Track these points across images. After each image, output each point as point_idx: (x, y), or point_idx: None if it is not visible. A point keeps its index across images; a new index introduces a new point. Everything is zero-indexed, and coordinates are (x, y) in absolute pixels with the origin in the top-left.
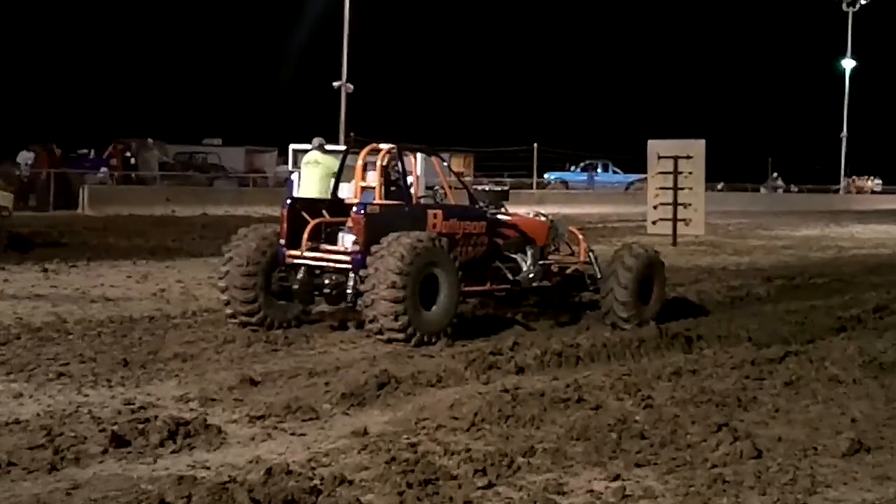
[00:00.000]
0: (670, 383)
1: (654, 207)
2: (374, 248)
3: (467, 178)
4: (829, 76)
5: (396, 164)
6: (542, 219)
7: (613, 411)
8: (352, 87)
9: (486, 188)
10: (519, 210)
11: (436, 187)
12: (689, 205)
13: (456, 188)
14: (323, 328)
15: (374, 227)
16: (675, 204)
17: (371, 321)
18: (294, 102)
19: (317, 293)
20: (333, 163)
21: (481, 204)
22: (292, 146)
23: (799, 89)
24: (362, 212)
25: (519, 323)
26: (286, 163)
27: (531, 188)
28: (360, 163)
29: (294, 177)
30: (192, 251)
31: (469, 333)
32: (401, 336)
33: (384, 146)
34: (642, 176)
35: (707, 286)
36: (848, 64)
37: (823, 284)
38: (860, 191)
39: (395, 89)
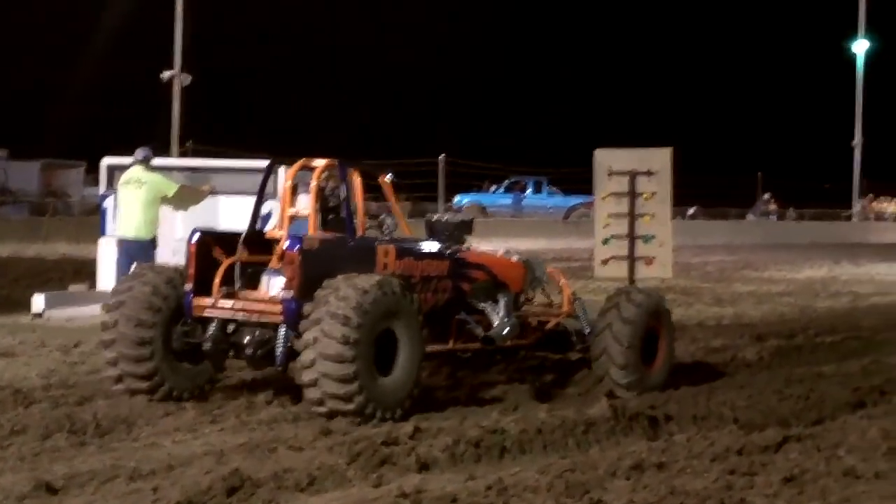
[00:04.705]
0: (629, 482)
1: (605, 242)
2: (317, 294)
3: None
4: (838, 62)
5: (338, 186)
6: (515, 258)
7: None
8: (189, 77)
9: (444, 217)
10: (483, 246)
11: (382, 216)
12: (652, 237)
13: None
14: (151, 410)
15: (313, 267)
16: (633, 237)
17: (309, 387)
18: (108, 100)
19: (232, 353)
20: (162, 183)
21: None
22: (106, 160)
23: (797, 80)
24: (297, 247)
25: (420, 398)
26: (98, 182)
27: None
28: (287, 183)
29: (109, 202)
30: None
31: None
32: (350, 407)
33: (319, 161)
34: (588, 199)
35: (678, 348)
36: (860, 47)
37: (835, 344)
38: (880, 217)
39: (246, 81)
